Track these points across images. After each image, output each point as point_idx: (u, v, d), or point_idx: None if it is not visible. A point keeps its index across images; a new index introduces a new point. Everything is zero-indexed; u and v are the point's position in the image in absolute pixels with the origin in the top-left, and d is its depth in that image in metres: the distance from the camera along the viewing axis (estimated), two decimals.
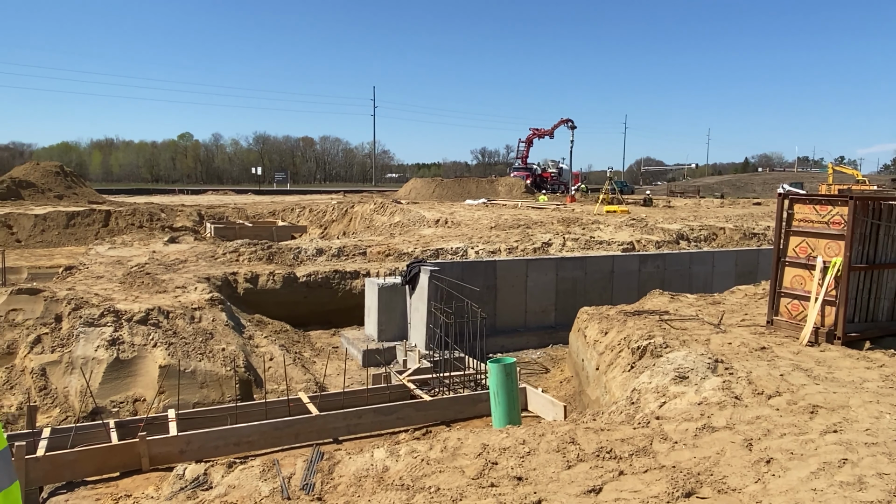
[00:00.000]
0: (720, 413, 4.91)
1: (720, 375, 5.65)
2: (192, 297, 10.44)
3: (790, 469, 3.94)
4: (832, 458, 4.06)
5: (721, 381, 5.50)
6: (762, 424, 4.65)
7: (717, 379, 5.55)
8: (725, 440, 4.44)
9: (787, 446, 4.27)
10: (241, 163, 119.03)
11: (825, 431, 4.50)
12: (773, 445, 4.29)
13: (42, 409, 7.98)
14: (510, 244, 16.43)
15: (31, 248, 23.36)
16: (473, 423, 8.15)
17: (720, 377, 5.59)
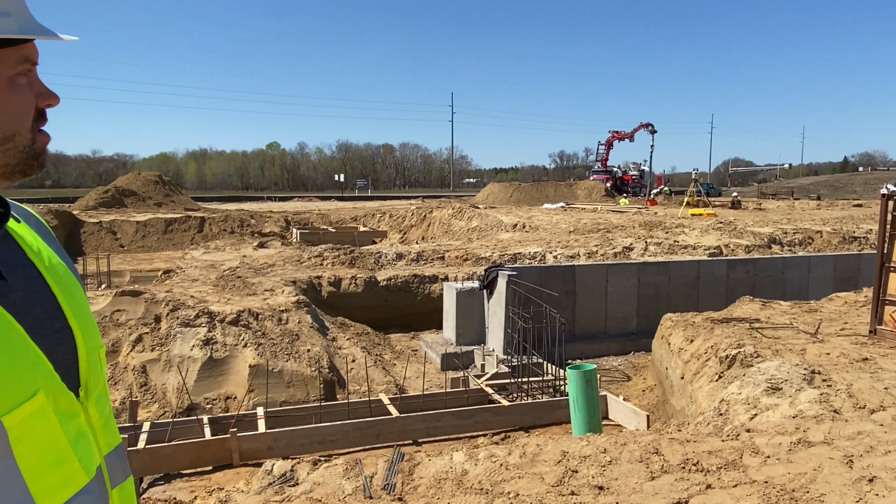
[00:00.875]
0: (817, 427, 4.63)
1: (817, 387, 5.33)
2: (279, 299, 10.87)
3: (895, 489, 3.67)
4: None
5: (818, 393, 5.19)
6: (864, 440, 4.36)
7: (814, 391, 5.24)
8: (823, 456, 4.19)
9: (893, 465, 3.98)
10: (324, 170, 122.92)
11: None
12: (877, 463, 4.01)
13: (143, 404, 8.52)
14: (590, 248, 16.14)
15: (133, 252, 25.00)
16: (552, 430, 8.06)
17: (817, 389, 5.28)
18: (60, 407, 1.05)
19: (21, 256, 1.12)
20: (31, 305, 1.07)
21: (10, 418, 0.95)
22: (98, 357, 1.19)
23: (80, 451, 1.07)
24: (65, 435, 1.04)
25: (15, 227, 1.15)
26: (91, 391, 1.14)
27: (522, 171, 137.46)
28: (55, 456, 1.02)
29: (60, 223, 24.47)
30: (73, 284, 1.19)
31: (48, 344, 1.05)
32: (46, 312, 1.10)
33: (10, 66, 1.04)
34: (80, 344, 1.14)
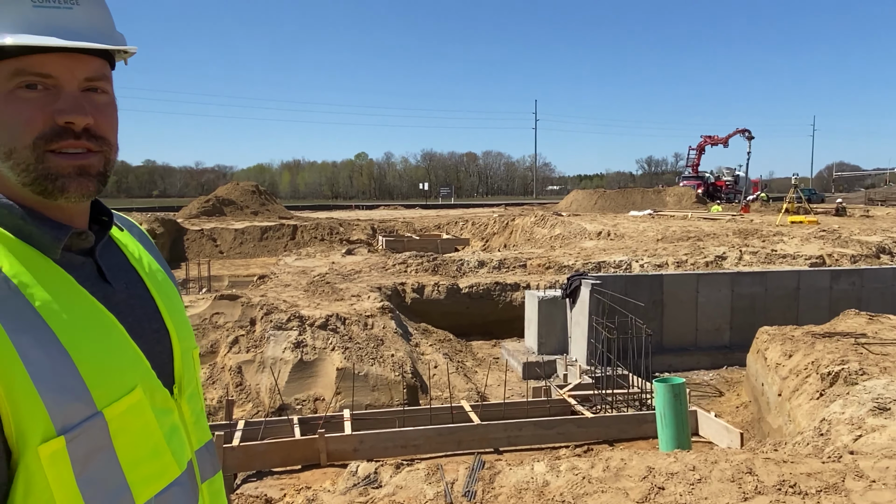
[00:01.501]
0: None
1: None
2: (365, 305, 11.17)
3: None
4: None
5: None
6: None
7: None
8: None
9: None
10: (409, 179, 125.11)
11: None
12: None
13: (238, 403, 8.97)
14: (679, 257, 15.60)
15: (231, 258, 26.37)
16: (638, 445, 7.83)
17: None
18: (156, 402, 1.12)
19: (124, 262, 1.20)
20: (132, 307, 1.15)
21: (111, 410, 1.01)
22: (192, 357, 1.26)
23: (174, 444, 1.13)
24: (160, 429, 1.11)
25: (118, 236, 1.23)
26: (184, 389, 1.21)
27: (608, 178, 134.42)
28: (151, 448, 1.08)
29: (166, 230, 26.18)
30: (171, 289, 1.28)
31: (147, 343, 1.13)
32: (146, 314, 1.18)
33: (4, 81, 1.01)
34: (176, 344, 1.21)
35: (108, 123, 1.10)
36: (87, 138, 1.06)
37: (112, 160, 1.12)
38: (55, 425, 0.95)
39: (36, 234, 1.04)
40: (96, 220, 1.17)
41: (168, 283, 1.28)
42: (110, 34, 1.10)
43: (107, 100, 1.10)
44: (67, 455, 0.95)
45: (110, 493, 1.00)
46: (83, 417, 0.98)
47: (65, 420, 0.96)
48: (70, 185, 1.05)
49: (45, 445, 0.94)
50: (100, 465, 0.99)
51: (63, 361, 0.97)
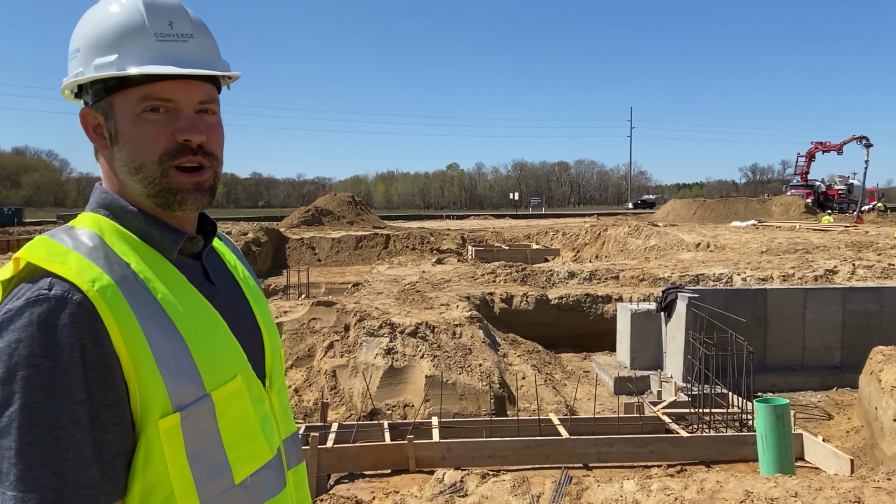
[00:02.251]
0: None
1: None
2: (454, 314, 11.30)
3: None
4: None
5: None
6: None
7: None
8: None
9: None
10: (500, 189, 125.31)
11: None
12: None
13: (332, 405, 9.30)
14: (784, 271, 14.73)
15: (328, 266, 27.38)
16: (737, 467, 7.45)
17: None
18: (252, 391, 1.25)
19: (223, 267, 1.36)
20: (231, 307, 1.30)
21: (217, 393, 1.14)
22: (279, 355, 1.40)
23: (266, 431, 1.26)
24: (255, 415, 1.23)
25: (217, 245, 1.40)
26: (274, 382, 1.35)
27: (708, 187, 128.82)
28: (248, 431, 1.21)
29: (269, 239, 27.55)
30: (260, 294, 1.46)
31: (243, 340, 1.27)
32: (242, 313, 1.33)
33: (133, 105, 1.14)
34: (266, 342, 1.35)
35: (217, 141, 1.25)
36: (201, 154, 1.20)
37: (219, 174, 1.27)
38: (172, 403, 1.08)
39: (157, 238, 1.20)
40: (201, 230, 1.33)
41: (257, 289, 1.46)
42: (218, 62, 1.25)
43: (216, 120, 1.25)
44: (181, 430, 1.09)
45: (214, 468, 1.13)
46: (195, 398, 1.11)
47: (180, 399, 1.09)
48: (188, 199, 1.20)
49: (163, 420, 1.07)
50: (206, 443, 1.13)
51: (180, 347, 1.11)
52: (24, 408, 0.97)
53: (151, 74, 1.13)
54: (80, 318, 1.02)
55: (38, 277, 1.04)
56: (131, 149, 1.16)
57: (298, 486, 1.38)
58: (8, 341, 0.99)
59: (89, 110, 1.19)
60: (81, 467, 1.00)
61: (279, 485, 1.26)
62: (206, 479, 1.11)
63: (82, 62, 1.17)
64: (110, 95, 1.16)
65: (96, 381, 1.02)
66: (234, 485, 1.16)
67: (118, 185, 1.21)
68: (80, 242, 1.11)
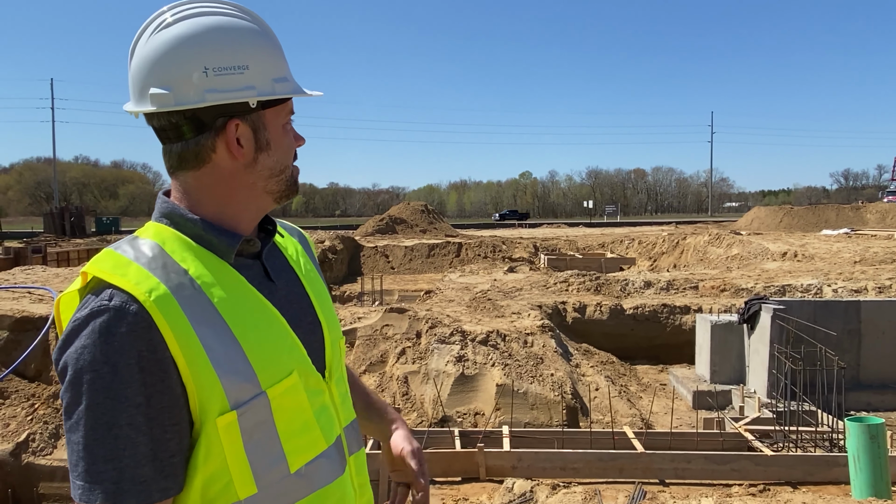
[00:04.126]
0: None
1: None
2: (525, 322, 11.22)
3: None
4: None
5: None
6: None
7: None
8: None
9: None
10: (573, 197, 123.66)
11: None
12: None
13: (404, 411, 9.41)
14: (880, 282, 13.79)
15: (401, 274, 27.78)
16: (826, 490, 7.02)
17: None
18: (310, 385, 1.32)
19: (284, 263, 1.43)
20: (291, 302, 1.37)
21: (273, 391, 1.21)
22: (339, 347, 1.48)
23: (323, 422, 1.33)
24: (311, 408, 1.30)
25: (279, 240, 1.47)
26: (333, 373, 1.41)
27: (796, 194, 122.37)
28: (303, 424, 1.28)
29: (345, 247, 28.25)
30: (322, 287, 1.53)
31: (303, 333, 1.34)
32: (302, 308, 1.40)
33: (283, 117, 1.32)
34: (326, 335, 1.42)
35: None
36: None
37: None
38: (229, 401, 1.16)
39: (215, 242, 1.27)
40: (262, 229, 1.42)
41: (319, 281, 1.53)
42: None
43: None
44: (238, 426, 1.17)
45: (270, 459, 1.22)
46: (251, 396, 1.19)
47: (237, 397, 1.17)
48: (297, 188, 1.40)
49: (221, 418, 1.16)
50: (263, 436, 1.21)
51: (236, 349, 1.18)
52: (88, 408, 1.07)
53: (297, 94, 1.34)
54: (136, 328, 1.10)
55: (101, 289, 1.13)
56: (279, 154, 1.32)
57: (360, 471, 1.47)
58: (76, 347, 1.09)
59: (241, 122, 1.26)
60: (137, 465, 1.09)
61: (336, 471, 1.34)
62: (264, 469, 1.20)
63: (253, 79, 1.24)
64: (265, 109, 1.29)
65: (153, 385, 1.11)
66: (289, 473, 1.24)
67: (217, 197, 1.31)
68: (140, 253, 1.19)
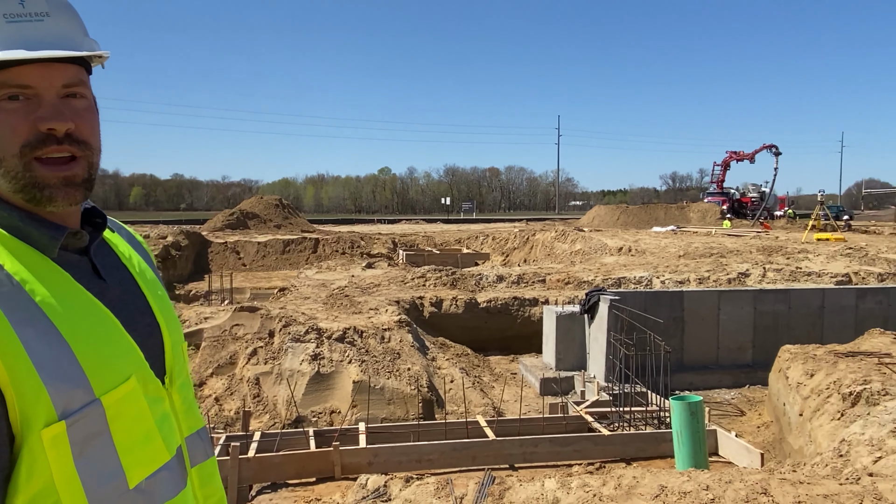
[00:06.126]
0: None
1: None
2: (382, 318, 11.21)
3: None
4: None
5: None
6: None
7: None
8: None
9: None
10: (432, 193, 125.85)
11: None
12: None
13: (255, 414, 9.04)
14: (701, 274, 15.41)
15: (253, 271, 26.66)
16: (655, 464, 7.72)
17: None
18: (149, 391, 1.18)
19: (116, 261, 1.28)
20: (125, 302, 1.22)
21: (108, 398, 1.08)
22: (181, 350, 1.33)
23: (165, 431, 1.20)
24: (152, 416, 1.17)
25: (109, 237, 1.31)
26: (175, 379, 1.28)
27: (631, 194, 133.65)
28: (143, 434, 1.15)
29: (191, 243, 26.58)
30: (159, 287, 1.36)
31: (140, 336, 1.20)
32: (138, 309, 1.25)
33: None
34: (166, 338, 1.28)
35: (89, 128, 1.14)
36: (69, 143, 1.10)
37: (95, 164, 1.16)
38: (56, 411, 1.01)
39: (35, 235, 1.10)
40: (90, 222, 1.24)
41: (156, 281, 1.37)
42: (81, 41, 1.14)
43: (86, 104, 1.15)
44: (67, 438, 1.02)
45: (105, 474, 1.07)
46: (83, 404, 1.04)
47: (66, 406, 1.02)
48: (57, 195, 1.11)
49: (47, 429, 1.00)
50: (97, 449, 1.06)
51: (64, 352, 1.03)
52: None
53: (4, 61, 1.03)
54: None
55: None
56: None
57: (205, 483, 1.33)
58: None
59: None
60: None
61: (179, 485, 1.21)
62: (97, 486, 1.05)
63: None
64: None
65: None
66: (128, 489, 1.10)
67: None
68: None
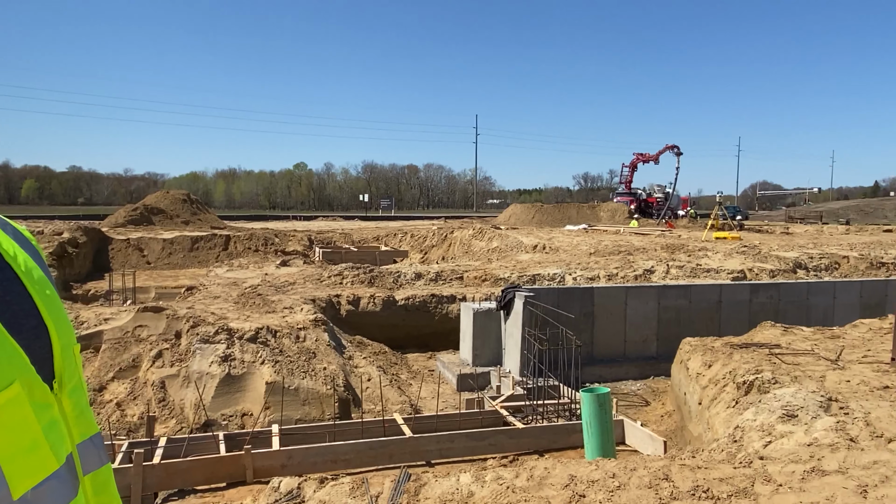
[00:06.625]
0: (832, 456, 4.53)
1: (834, 415, 5.22)
2: (297, 317, 10.97)
3: None
4: None
5: (834, 421, 5.08)
6: (879, 470, 4.25)
7: (830, 419, 5.13)
8: (837, 485, 4.09)
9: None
10: (350, 190, 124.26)
11: None
12: (892, 494, 3.90)
13: (160, 419, 8.63)
14: (610, 271, 16.03)
15: (159, 269, 25.43)
16: (567, 454, 7.97)
17: (833, 417, 5.17)
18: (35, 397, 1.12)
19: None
20: (8, 303, 1.15)
21: None
22: (72, 353, 1.26)
23: (52, 439, 1.14)
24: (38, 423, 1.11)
25: None
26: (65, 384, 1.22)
27: (546, 193, 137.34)
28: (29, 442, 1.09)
29: (89, 239, 25.02)
30: (48, 287, 1.28)
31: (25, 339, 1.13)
32: (23, 310, 1.18)
33: None
34: (55, 340, 1.22)
35: None
36: None
37: None
38: None
39: None
40: None
41: (45, 280, 1.28)
42: None
43: None
44: None
45: None
46: None
47: None
48: None
49: None
50: None
51: None
52: None
53: None
54: None
55: None
56: None
57: (99, 491, 1.27)
58: None
59: None
60: None
61: (68, 495, 1.14)
62: None
63: None
64: None
65: None
66: (12, 501, 1.02)
67: None
68: None
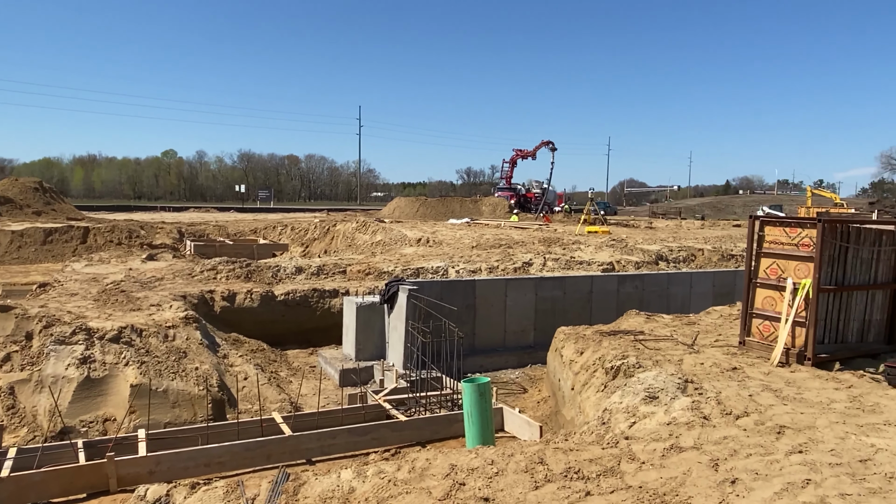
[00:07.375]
0: (688, 433, 4.93)
1: (690, 395, 5.68)
2: (166, 315, 10.33)
3: (755, 489, 3.96)
4: (796, 478, 4.09)
5: (690, 401, 5.53)
6: (729, 445, 4.68)
7: (687, 399, 5.58)
8: (692, 460, 4.45)
9: (753, 466, 4.29)
10: (225, 180, 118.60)
11: (791, 452, 4.53)
12: (739, 466, 4.31)
13: (10, 428, 7.82)
14: (491, 263, 16.46)
15: (6, 264, 23.02)
16: (449, 444, 8.10)
17: (690, 397, 5.63)
18: None
19: None
20: None
21: None
22: None
23: None
24: None
25: None
26: None
27: (430, 187, 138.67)
28: None
29: None
30: None
31: None
32: None
33: None
34: None
35: None
36: None
37: None
38: None
39: None
40: None
41: None
42: None
43: None
44: None
45: None
46: None
47: None
48: None
49: None
50: None
51: None
52: None
53: None
54: None
55: None
56: None
57: None
58: None
59: None
60: None
61: None
62: None
63: None
64: None
65: None
66: None
67: None
68: None
